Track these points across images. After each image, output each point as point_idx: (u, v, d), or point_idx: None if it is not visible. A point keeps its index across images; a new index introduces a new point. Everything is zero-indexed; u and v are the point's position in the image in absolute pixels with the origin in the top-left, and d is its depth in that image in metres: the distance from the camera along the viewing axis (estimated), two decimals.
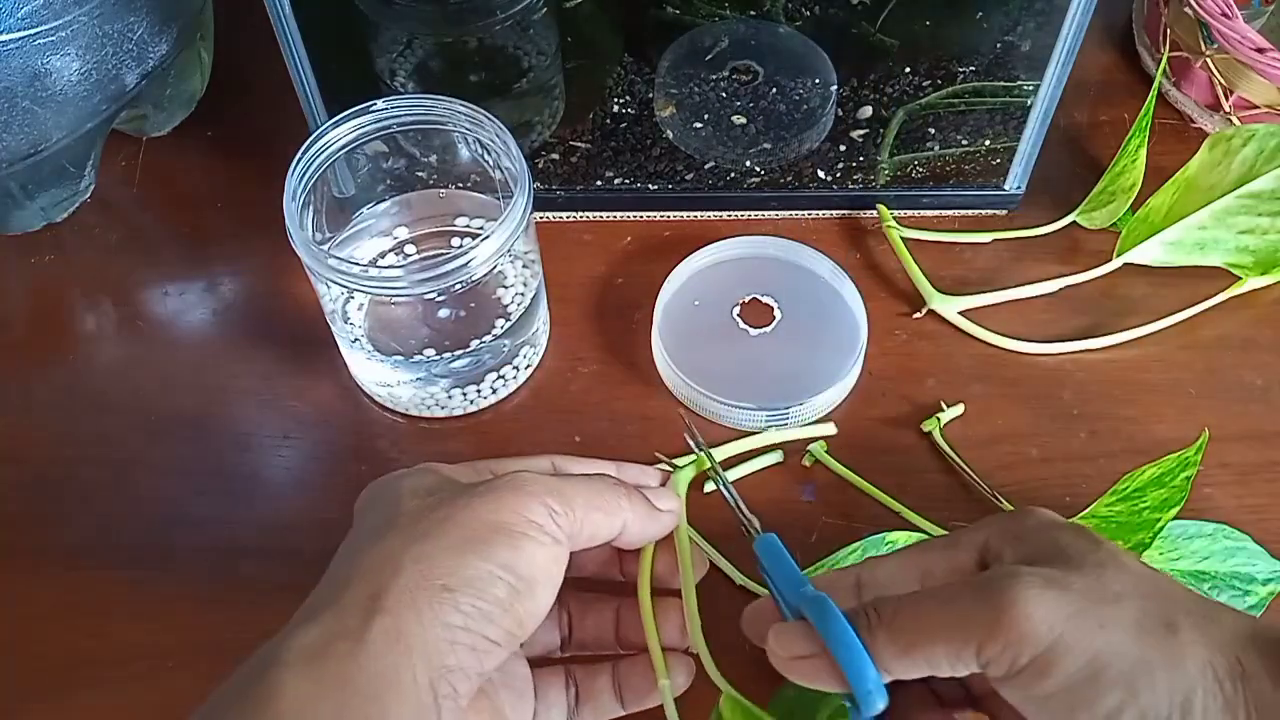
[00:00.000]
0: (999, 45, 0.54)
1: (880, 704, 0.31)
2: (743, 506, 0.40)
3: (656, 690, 0.38)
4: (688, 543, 0.40)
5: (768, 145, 0.56)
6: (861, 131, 0.56)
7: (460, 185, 0.52)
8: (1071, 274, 0.54)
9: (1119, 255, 0.54)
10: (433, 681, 0.30)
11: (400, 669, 0.30)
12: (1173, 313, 0.53)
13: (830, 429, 0.49)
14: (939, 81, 0.56)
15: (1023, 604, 0.30)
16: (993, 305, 0.54)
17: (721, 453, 0.50)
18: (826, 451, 0.49)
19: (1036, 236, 0.56)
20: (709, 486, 0.48)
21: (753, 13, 0.56)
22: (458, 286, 0.44)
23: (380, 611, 0.30)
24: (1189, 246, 0.53)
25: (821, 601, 0.32)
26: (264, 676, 0.29)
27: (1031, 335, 0.53)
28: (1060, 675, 0.30)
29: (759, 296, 0.54)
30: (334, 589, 0.32)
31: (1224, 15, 0.55)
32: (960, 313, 0.53)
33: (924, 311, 0.54)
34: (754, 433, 0.50)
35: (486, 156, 0.49)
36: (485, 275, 0.45)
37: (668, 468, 0.45)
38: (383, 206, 0.52)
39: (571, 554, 0.35)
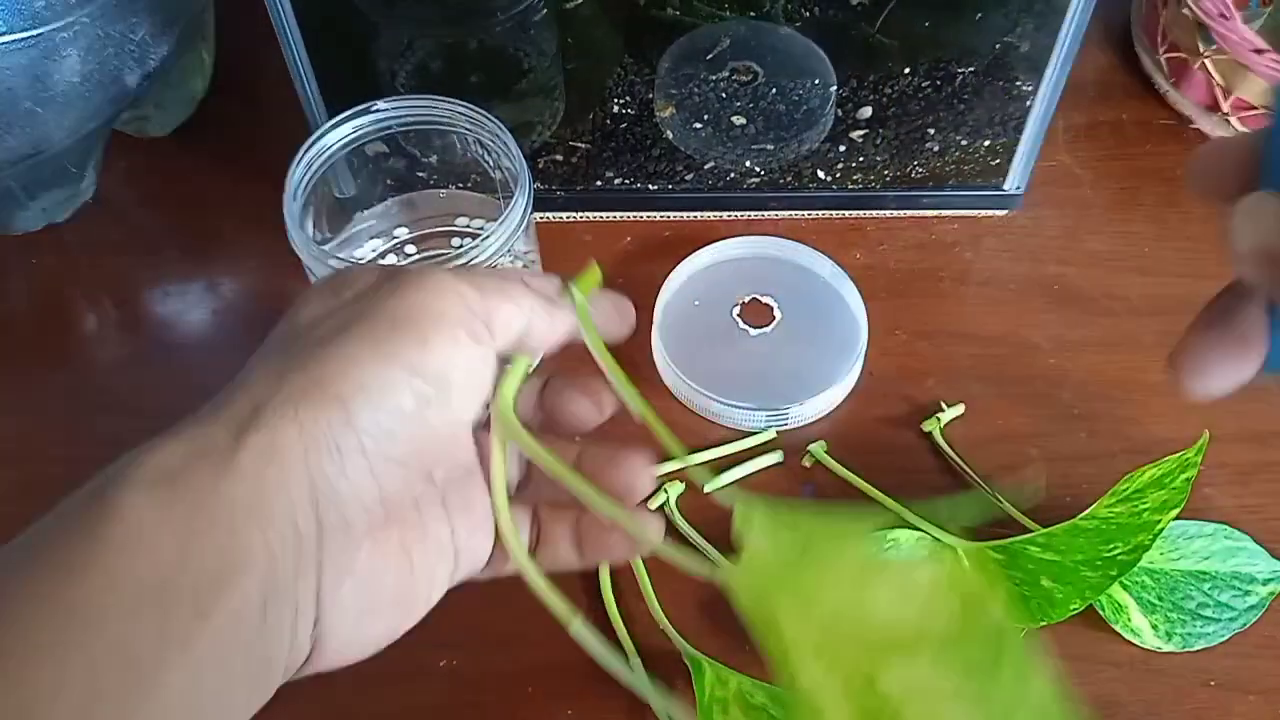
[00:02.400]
0: (998, 46, 0.54)
1: None
2: None
3: (618, 546, 0.34)
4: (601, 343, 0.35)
5: (768, 145, 0.56)
6: (861, 132, 0.56)
7: (460, 185, 0.52)
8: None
9: None
10: (318, 510, 0.26)
11: (271, 494, 0.25)
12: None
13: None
14: (939, 82, 0.56)
15: None
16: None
17: (721, 452, 0.50)
18: (826, 452, 0.49)
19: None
20: (709, 486, 0.48)
21: (753, 13, 0.56)
22: None
23: (256, 427, 0.25)
24: None
25: None
26: (102, 496, 0.24)
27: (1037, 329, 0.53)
28: None
29: (759, 296, 0.54)
30: (210, 405, 0.27)
31: (1222, 16, 0.55)
32: None
33: None
34: (754, 432, 0.50)
35: (487, 157, 0.50)
36: None
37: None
38: (383, 207, 0.52)
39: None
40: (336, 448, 0.26)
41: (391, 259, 0.52)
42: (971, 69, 0.55)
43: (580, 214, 0.58)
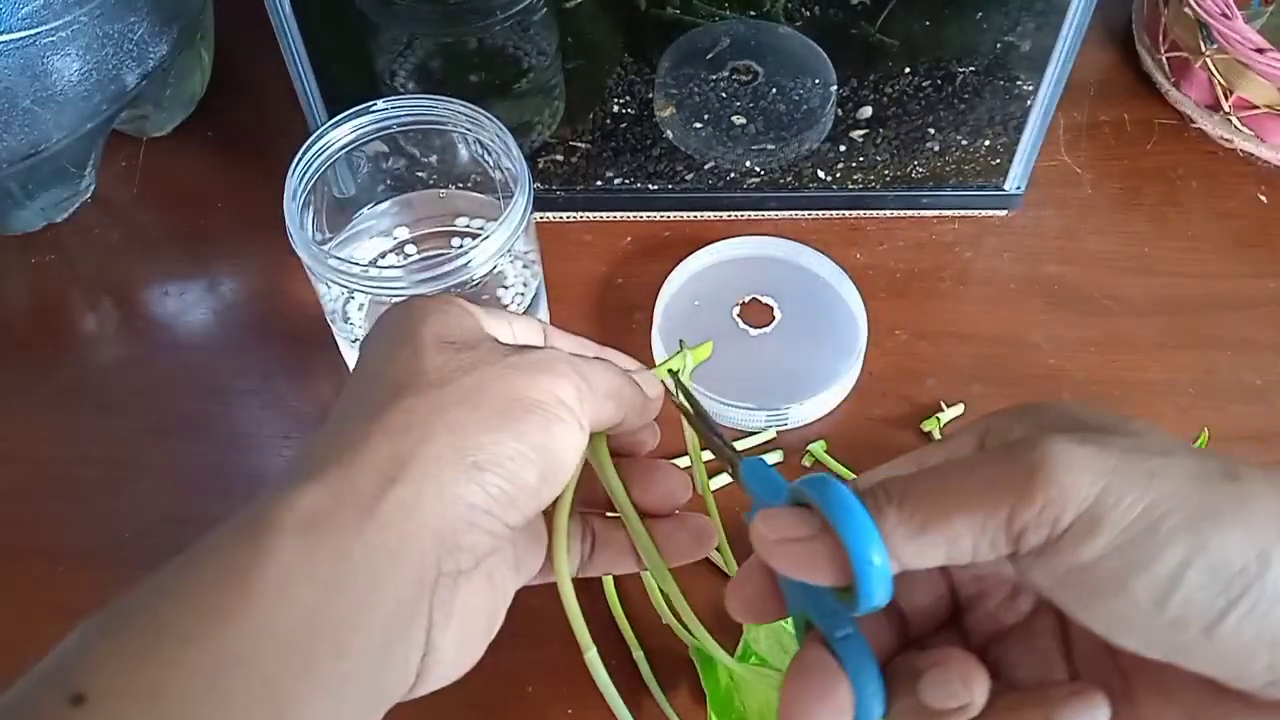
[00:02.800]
0: (999, 45, 0.54)
1: (885, 592, 0.26)
2: (718, 430, 0.37)
3: (678, 552, 0.36)
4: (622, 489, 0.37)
5: (768, 145, 0.56)
6: (861, 132, 0.56)
7: (460, 185, 0.52)
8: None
9: None
10: (439, 560, 0.28)
11: (407, 546, 0.27)
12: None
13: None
14: (939, 81, 0.56)
15: (1058, 458, 0.25)
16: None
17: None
18: (826, 451, 0.49)
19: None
20: (712, 485, 0.48)
21: (753, 13, 0.56)
22: (458, 286, 0.44)
23: (400, 480, 0.27)
24: None
25: (822, 479, 0.28)
26: (254, 540, 0.26)
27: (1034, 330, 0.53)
28: (1110, 532, 0.24)
29: (759, 296, 0.54)
30: (345, 444, 0.28)
31: (1224, 15, 0.55)
32: None
33: None
34: (754, 432, 0.50)
35: (487, 157, 0.49)
36: (485, 275, 0.45)
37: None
38: (383, 207, 0.52)
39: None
40: (468, 507, 0.28)
41: (392, 259, 0.52)
42: (972, 68, 0.55)
43: (580, 214, 0.58)
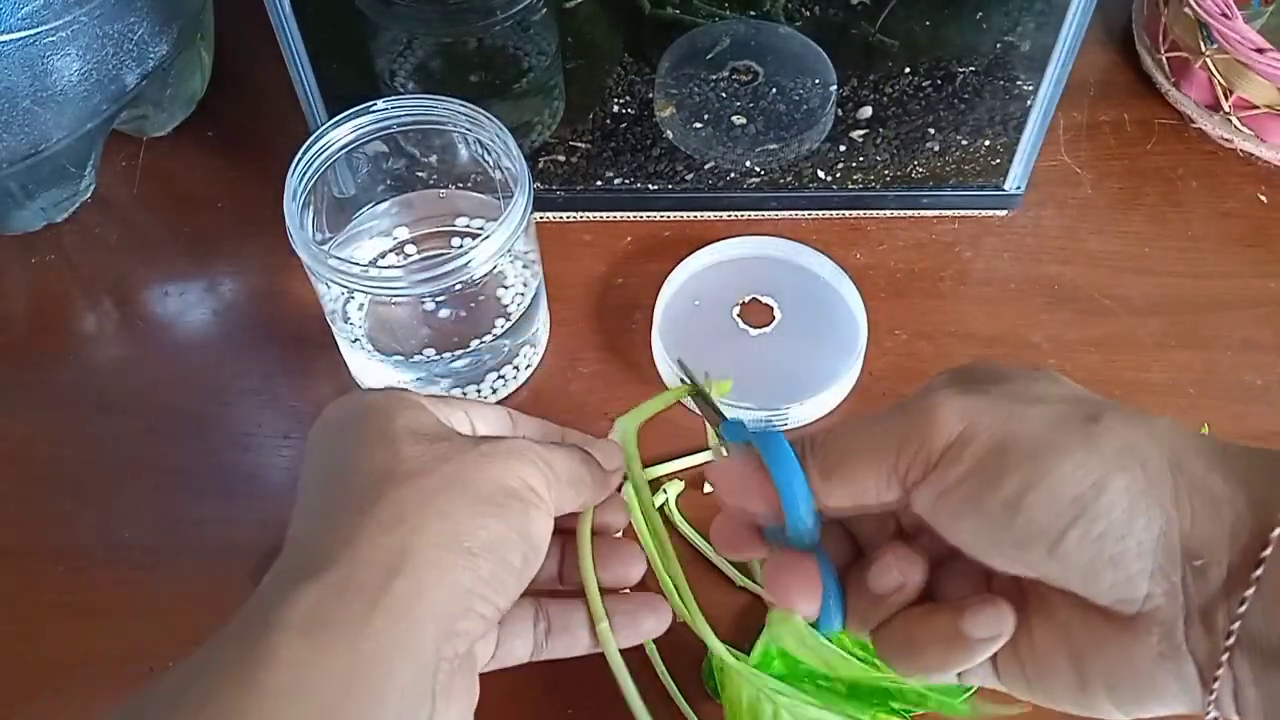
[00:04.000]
0: (999, 45, 0.54)
1: (809, 525, 0.31)
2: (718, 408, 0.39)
3: (638, 631, 0.38)
4: (646, 487, 0.41)
5: (768, 145, 0.56)
6: (861, 132, 0.56)
7: (460, 185, 0.52)
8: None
9: None
10: (439, 647, 0.29)
11: (414, 633, 0.28)
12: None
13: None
14: (939, 81, 0.56)
15: (937, 407, 0.30)
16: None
17: (721, 452, 0.50)
18: None
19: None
20: (709, 486, 0.48)
21: (753, 13, 0.56)
22: (458, 287, 0.44)
23: (402, 572, 0.29)
24: None
25: (769, 432, 0.33)
26: (259, 641, 0.27)
27: (1035, 329, 0.53)
28: (968, 461, 0.29)
29: (759, 296, 0.54)
30: (338, 539, 0.29)
31: (1224, 15, 0.55)
32: None
33: None
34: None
35: (487, 157, 0.50)
36: (485, 275, 0.45)
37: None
38: (383, 207, 0.52)
39: None
40: (465, 593, 0.30)
41: (392, 259, 0.52)
42: (972, 68, 0.55)
43: (580, 214, 0.58)
